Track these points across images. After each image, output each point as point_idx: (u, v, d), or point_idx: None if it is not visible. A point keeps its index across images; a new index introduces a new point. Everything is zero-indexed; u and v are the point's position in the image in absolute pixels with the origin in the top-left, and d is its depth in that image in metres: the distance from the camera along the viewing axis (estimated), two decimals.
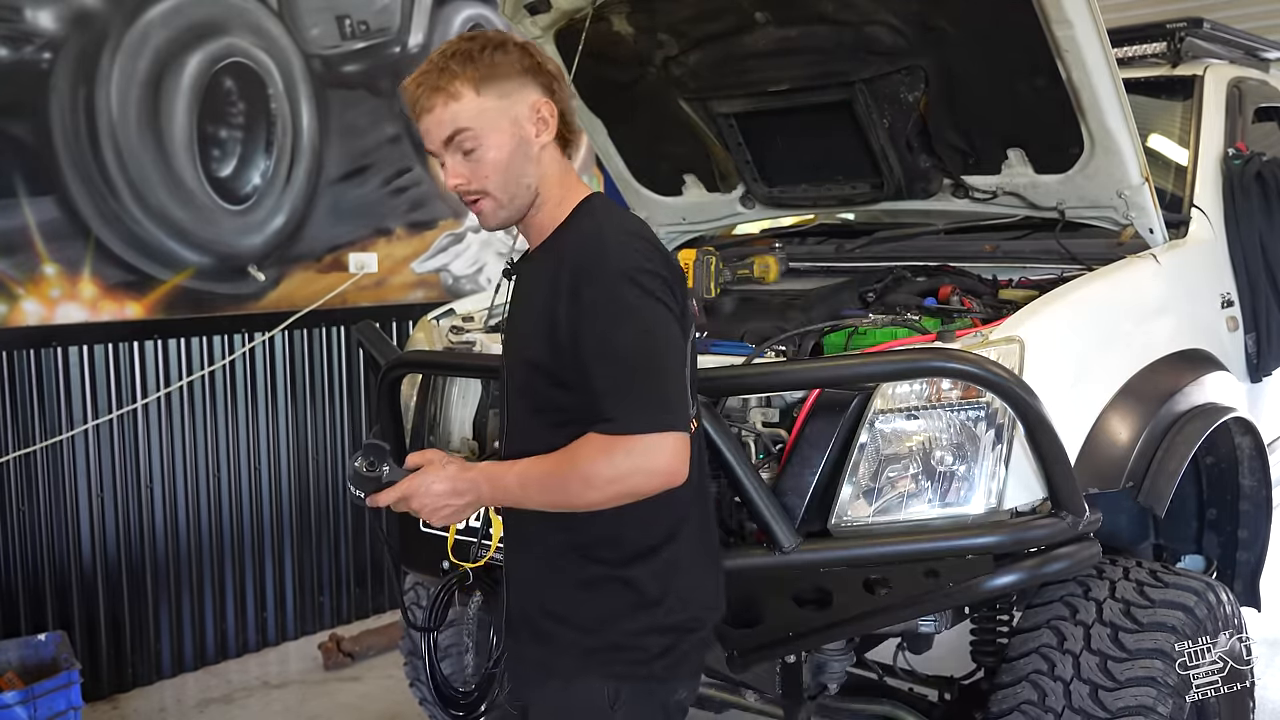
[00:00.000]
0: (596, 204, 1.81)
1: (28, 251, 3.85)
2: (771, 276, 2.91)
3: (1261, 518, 2.81)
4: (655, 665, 1.75)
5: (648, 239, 1.74)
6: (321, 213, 4.67)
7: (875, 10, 2.67)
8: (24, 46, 3.80)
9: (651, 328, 1.65)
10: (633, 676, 1.75)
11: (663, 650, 1.75)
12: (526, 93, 1.76)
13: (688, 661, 1.80)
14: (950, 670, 2.85)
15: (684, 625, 1.78)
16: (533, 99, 1.76)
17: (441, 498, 1.72)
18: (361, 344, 2.93)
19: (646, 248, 1.71)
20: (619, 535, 1.74)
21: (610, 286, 1.65)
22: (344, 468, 4.76)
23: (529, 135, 1.76)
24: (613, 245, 1.69)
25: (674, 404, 1.64)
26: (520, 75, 1.75)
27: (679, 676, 1.79)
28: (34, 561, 3.90)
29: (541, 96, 1.77)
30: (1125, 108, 2.54)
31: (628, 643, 1.74)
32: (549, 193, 1.80)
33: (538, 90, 1.77)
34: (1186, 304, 2.80)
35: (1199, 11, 3.79)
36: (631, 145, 3.49)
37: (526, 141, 1.76)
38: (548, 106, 1.77)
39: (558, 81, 1.80)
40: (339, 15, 4.69)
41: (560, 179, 1.81)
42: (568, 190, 1.81)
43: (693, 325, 1.80)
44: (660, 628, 1.75)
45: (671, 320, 1.68)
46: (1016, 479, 2.12)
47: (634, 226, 1.76)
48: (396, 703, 3.98)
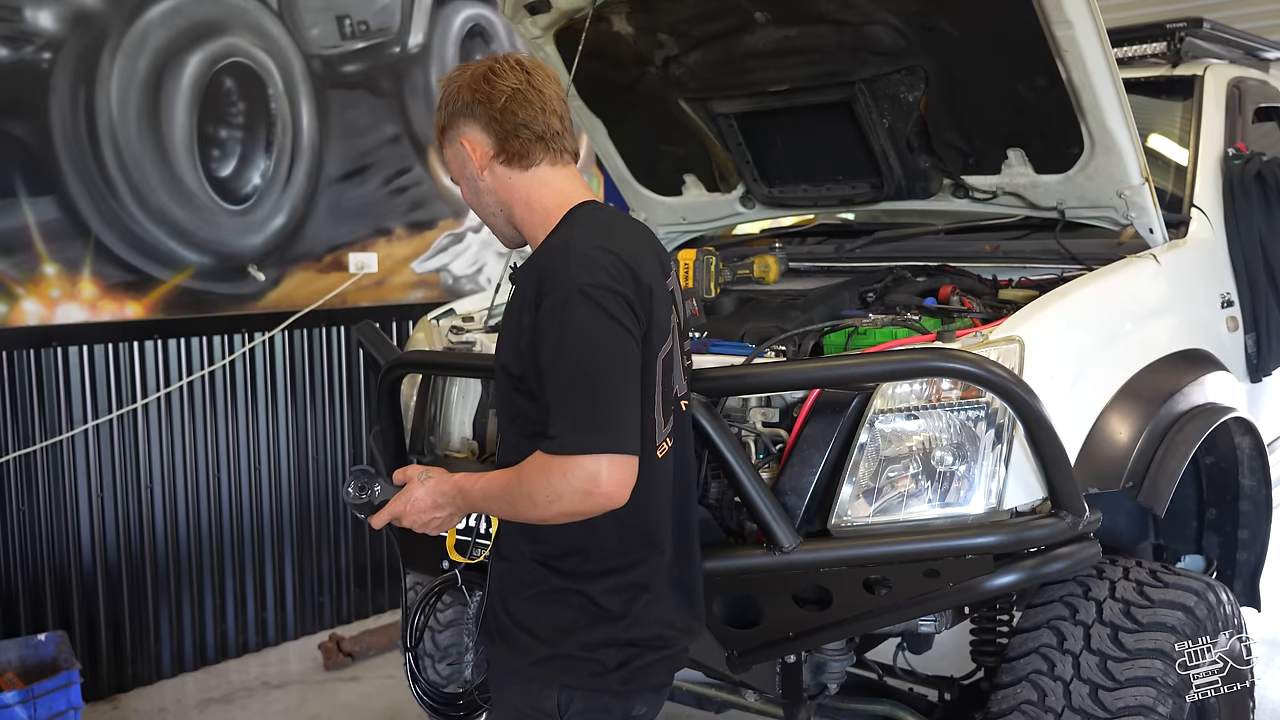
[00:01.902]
0: (578, 214, 1.81)
1: (28, 251, 3.85)
2: (771, 276, 2.91)
3: (1261, 518, 2.81)
4: (609, 678, 1.76)
5: (618, 254, 1.71)
6: (321, 213, 4.67)
7: (875, 10, 2.66)
8: (24, 46, 3.80)
9: (598, 346, 1.65)
10: (585, 687, 1.76)
11: (619, 664, 1.76)
12: (460, 132, 1.85)
13: (646, 677, 1.80)
14: (950, 670, 2.86)
15: (644, 641, 1.78)
16: (462, 137, 1.85)
17: (427, 511, 1.84)
18: (361, 344, 2.93)
19: (612, 262, 1.70)
20: (586, 550, 1.76)
21: (563, 300, 1.66)
22: (344, 468, 4.77)
23: (471, 170, 1.86)
24: (574, 258, 1.69)
25: (613, 426, 1.63)
26: (458, 117, 1.85)
27: (636, 692, 1.80)
28: (34, 561, 3.90)
29: (474, 131, 1.83)
30: (1125, 108, 2.54)
31: (582, 654, 1.76)
32: (519, 213, 1.86)
33: (471, 126, 1.84)
34: (1186, 304, 2.80)
35: (1199, 11, 3.78)
36: (631, 145, 3.49)
37: (471, 177, 1.87)
38: (477, 137, 1.83)
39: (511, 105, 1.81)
40: (339, 15, 4.69)
41: (529, 197, 1.84)
42: (550, 203, 1.83)
43: (667, 341, 1.78)
44: (618, 642, 1.76)
45: (626, 339, 1.67)
46: (1016, 479, 2.12)
47: (605, 240, 1.74)
48: (396, 703, 3.98)
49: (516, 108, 1.82)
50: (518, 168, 1.84)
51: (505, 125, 1.82)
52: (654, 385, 1.74)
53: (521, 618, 1.81)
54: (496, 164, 1.84)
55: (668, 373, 1.79)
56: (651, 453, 1.76)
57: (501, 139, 1.83)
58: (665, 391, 1.78)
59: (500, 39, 5.31)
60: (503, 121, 1.82)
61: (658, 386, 1.75)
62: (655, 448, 1.76)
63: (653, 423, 1.75)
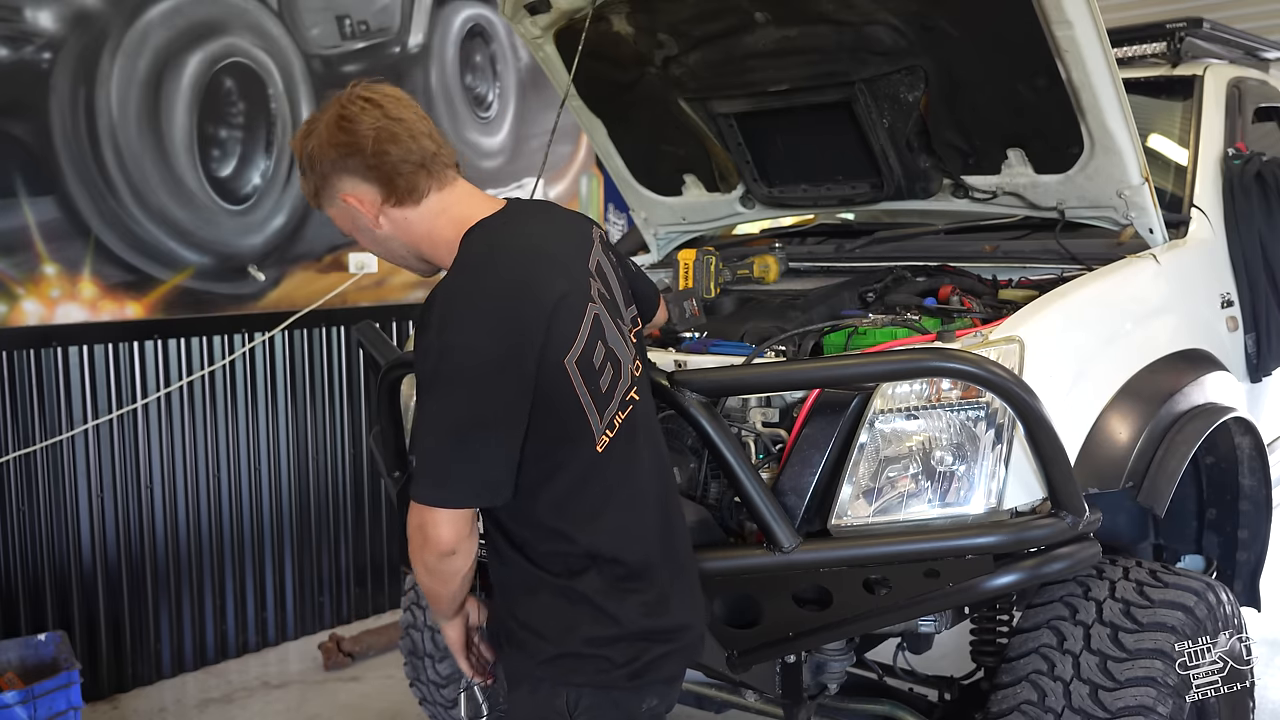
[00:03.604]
0: (467, 247, 1.77)
1: (28, 251, 3.85)
2: (771, 276, 2.91)
3: (1261, 518, 2.81)
4: (616, 674, 1.76)
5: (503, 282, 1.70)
6: (321, 213, 4.66)
7: (875, 10, 2.66)
8: (24, 46, 3.80)
9: (445, 395, 1.67)
10: (592, 684, 1.76)
11: (627, 660, 1.76)
12: (338, 188, 1.80)
13: (656, 671, 1.80)
14: (950, 670, 2.86)
15: (652, 634, 1.78)
16: (341, 193, 1.80)
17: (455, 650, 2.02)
18: (361, 344, 2.93)
19: (489, 306, 1.68)
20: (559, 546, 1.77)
21: (420, 342, 1.70)
22: (344, 468, 4.77)
23: (364, 223, 1.82)
24: (439, 298, 1.70)
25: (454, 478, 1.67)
26: (329, 175, 1.79)
27: (646, 686, 1.80)
28: (34, 561, 3.90)
29: (351, 182, 1.78)
30: (1125, 108, 2.54)
31: (588, 651, 1.76)
32: (426, 249, 1.84)
33: (347, 179, 1.78)
34: (1186, 304, 2.80)
35: (1199, 11, 3.78)
36: (631, 145, 3.49)
37: (367, 229, 1.83)
38: (358, 188, 1.78)
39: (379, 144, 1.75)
40: (339, 15, 4.69)
41: (430, 231, 1.81)
42: (446, 235, 1.80)
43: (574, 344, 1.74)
44: (624, 637, 1.76)
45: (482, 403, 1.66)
46: (1016, 479, 2.12)
47: (488, 271, 1.72)
48: (396, 703, 3.98)
49: (386, 146, 1.75)
50: (410, 205, 1.80)
51: (384, 168, 1.76)
52: (572, 390, 1.73)
53: (526, 618, 1.81)
54: (389, 208, 1.79)
55: (589, 368, 1.76)
56: (590, 451, 1.76)
57: (385, 183, 1.77)
58: (593, 387, 1.76)
59: (500, 39, 5.31)
60: (380, 166, 1.76)
61: (580, 388, 1.74)
62: (594, 444, 1.76)
63: (585, 423, 1.75)
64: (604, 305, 1.83)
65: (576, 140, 5.67)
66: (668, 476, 1.96)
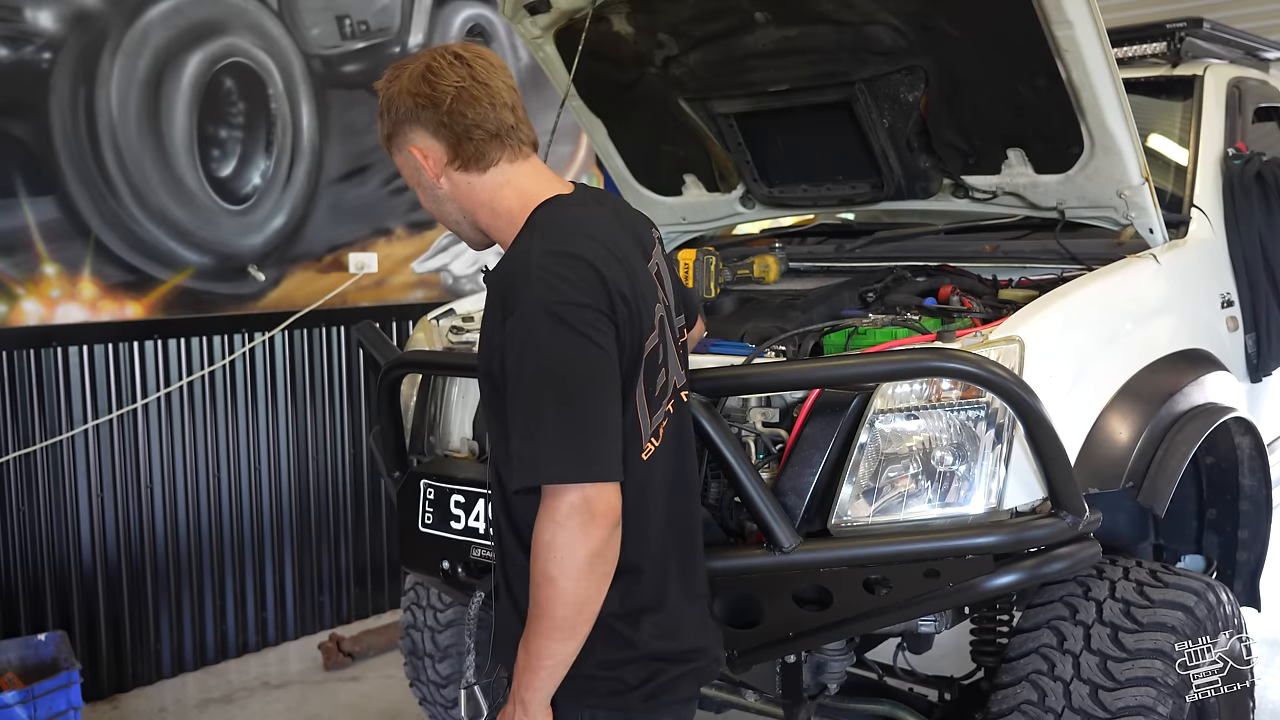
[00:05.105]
0: (539, 219, 1.70)
1: (28, 251, 3.85)
2: (771, 276, 2.91)
3: (1261, 518, 2.81)
4: (631, 697, 1.70)
5: (585, 258, 1.61)
6: (321, 213, 4.68)
7: (875, 10, 2.66)
8: (24, 46, 3.80)
9: (564, 368, 1.55)
10: (606, 706, 1.70)
11: (642, 681, 1.70)
12: (409, 139, 1.75)
13: (672, 692, 1.74)
14: (950, 670, 2.86)
15: (668, 655, 1.72)
16: (411, 145, 1.75)
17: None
18: (361, 344, 2.93)
19: (578, 272, 1.60)
20: None
21: (527, 318, 1.57)
22: (344, 468, 4.77)
23: (426, 180, 1.77)
24: (536, 272, 1.59)
25: (593, 451, 1.55)
26: (403, 124, 1.74)
27: (662, 707, 1.74)
28: (34, 561, 3.90)
29: (423, 137, 1.73)
30: (1125, 108, 2.54)
31: (602, 673, 1.69)
32: (483, 218, 1.77)
33: (419, 132, 1.74)
34: (1186, 304, 2.80)
35: (1199, 11, 3.79)
36: (631, 145, 3.49)
37: (429, 185, 1.78)
38: (427, 144, 1.73)
39: (457, 104, 1.70)
40: (339, 15, 4.69)
41: (493, 200, 1.75)
42: (514, 204, 1.73)
43: (653, 334, 1.70)
44: (638, 658, 1.70)
45: (597, 356, 1.57)
46: (1016, 479, 2.12)
47: (570, 244, 1.64)
48: (396, 703, 3.98)
49: (464, 108, 1.70)
50: (475, 171, 1.74)
51: (455, 129, 1.71)
52: (635, 387, 1.66)
53: None
54: (452, 170, 1.74)
55: (654, 367, 1.70)
56: (636, 457, 1.67)
57: (454, 144, 1.72)
58: (650, 389, 1.70)
59: (500, 39, 5.31)
60: (452, 125, 1.71)
61: (640, 386, 1.67)
62: (640, 451, 1.68)
63: (637, 425, 1.67)
64: (664, 307, 1.79)
65: (576, 140, 5.66)
66: (694, 482, 1.90)
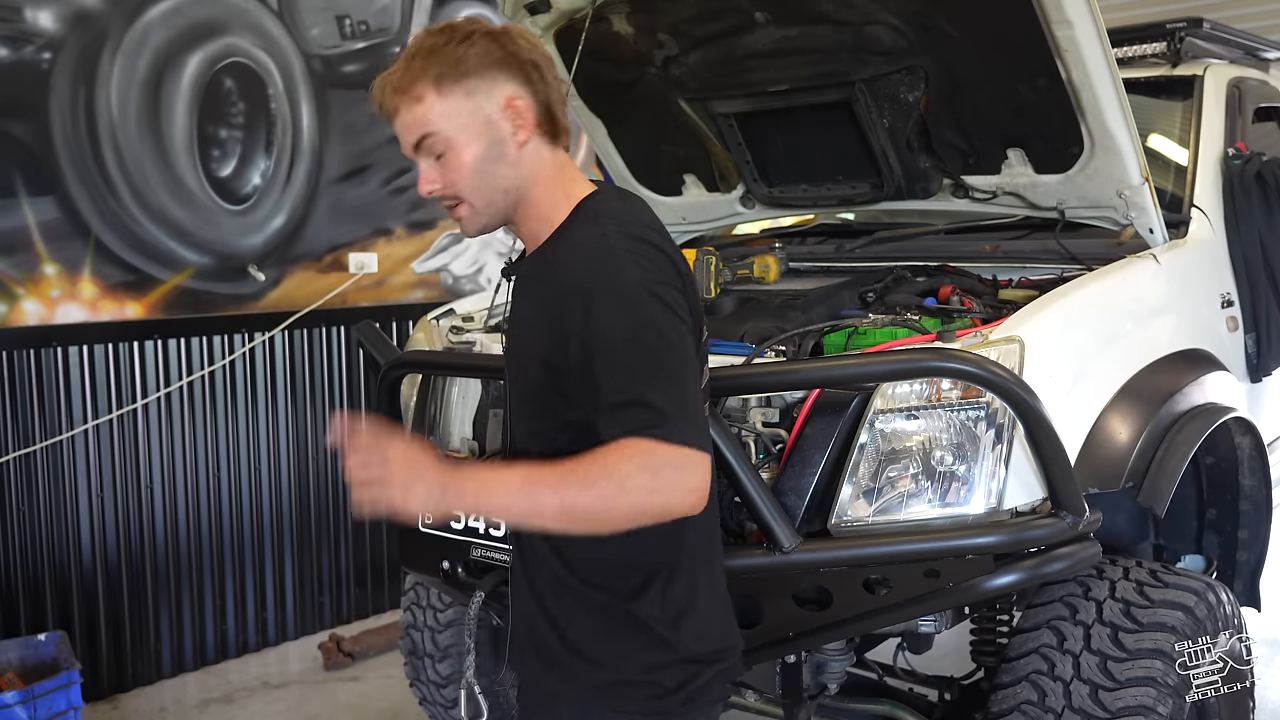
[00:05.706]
0: (598, 207, 1.62)
1: (28, 251, 3.85)
2: (771, 276, 2.91)
3: (1261, 518, 2.81)
4: (669, 700, 1.65)
5: (654, 243, 1.58)
6: (321, 213, 4.68)
7: (875, 10, 2.66)
8: (24, 46, 3.80)
9: (678, 344, 1.51)
10: (643, 711, 1.66)
11: (679, 684, 1.65)
12: (498, 88, 1.59)
13: (706, 693, 1.70)
14: (950, 670, 2.86)
15: (702, 658, 1.68)
16: (505, 94, 1.59)
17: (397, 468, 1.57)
18: (361, 344, 2.93)
19: (655, 255, 1.56)
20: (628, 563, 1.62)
21: (630, 300, 1.49)
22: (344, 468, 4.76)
23: (504, 135, 1.60)
24: (627, 256, 1.53)
25: (703, 425, 1.52)
26: (490, 69, 1.58)
27: (695, 709, 1.69)
28: (34, 561, 3.90)
29: (518, 90, 1.60)
30: (1125, 108, 2.54)
31: (641, 678, 1.64)
32: (536, 196, 1.64)
33: (512, 83, 1.59)
34: (1186, 304, 2.80)
35: (1199, 11, 3.79)
36: (631, 145, 3.49)
37: (501, 142, 1.60)
38: (524, 100, 1.60)
39: (539, 70, 1.61)
40: (339, 15, 4.69)
41: (551, 180, 1.64)
42: (562, 191, 1.65)
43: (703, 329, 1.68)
44: (676, 661, 1.65)
45: (689, 338, 1.55)
46: (1016, 479, 2.12)
47: (637, 229, 1.59)
48: (396, 703, 3.98)
49: (548, 74, 1.60)
50: (550, 145, 1.63)
51: (549, 92, 1.60)
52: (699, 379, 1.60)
53: (577, 641, 1.66)
54: (536, 135, 1.61)
55: (703, 358, 1.67)
56: None
57: (545, 107, 1.60)
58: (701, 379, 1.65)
59: None
60: (544, 90, 1.60)
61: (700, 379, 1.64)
62: None
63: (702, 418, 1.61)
64: None
65: (576, 140, 5.66)
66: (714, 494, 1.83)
